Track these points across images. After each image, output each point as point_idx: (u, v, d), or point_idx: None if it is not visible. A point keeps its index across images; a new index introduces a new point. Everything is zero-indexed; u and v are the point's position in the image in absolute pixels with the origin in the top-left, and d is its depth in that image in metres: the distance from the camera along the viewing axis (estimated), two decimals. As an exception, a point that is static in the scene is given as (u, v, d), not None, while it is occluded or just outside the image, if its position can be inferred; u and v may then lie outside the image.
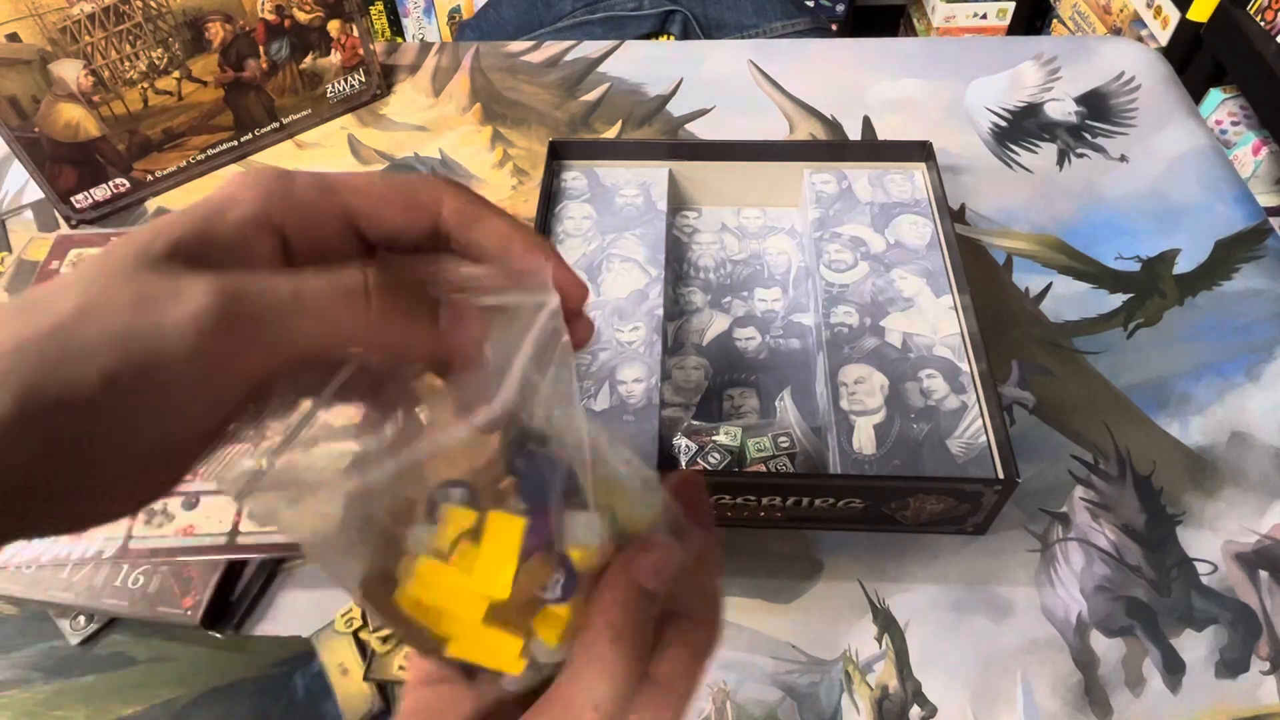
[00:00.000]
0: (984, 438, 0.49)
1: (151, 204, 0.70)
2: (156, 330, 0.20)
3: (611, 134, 0.76)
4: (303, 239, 0.24)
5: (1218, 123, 1.35)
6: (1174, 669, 0.46)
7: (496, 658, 0.23)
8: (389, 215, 0.25)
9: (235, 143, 0.73)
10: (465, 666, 0.23)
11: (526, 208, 0.69)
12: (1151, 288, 0.63)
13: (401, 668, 0.46)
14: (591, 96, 0.79)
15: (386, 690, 0.46)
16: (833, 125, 0.76)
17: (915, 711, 0.45)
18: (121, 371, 0.20)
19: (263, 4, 0.68)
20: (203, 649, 0.48)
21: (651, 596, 0.24)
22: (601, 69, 0.82)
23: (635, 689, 0.23)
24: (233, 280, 0.21)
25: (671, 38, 1.14)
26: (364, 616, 0.48)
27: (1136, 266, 0.65)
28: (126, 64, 0.64)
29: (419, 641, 0.23)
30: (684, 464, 0.51)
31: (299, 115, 0.75)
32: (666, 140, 0.73)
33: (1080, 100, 0.77)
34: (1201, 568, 0.50)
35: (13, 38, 0.58)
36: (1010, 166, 0.72)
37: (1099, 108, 0.77)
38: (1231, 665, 0.46)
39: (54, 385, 0.19)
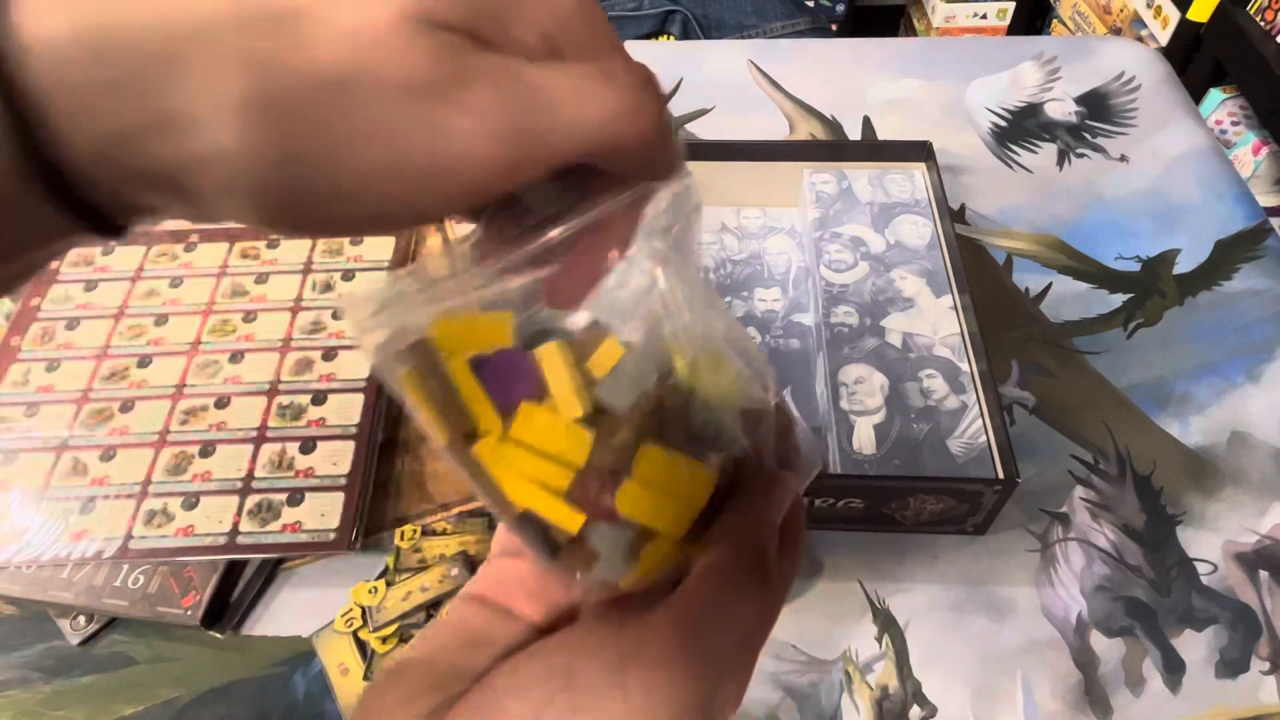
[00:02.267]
0: (984, 438, 0.49)
1: (151, 204, 0.70)
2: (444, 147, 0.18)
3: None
4: None
5: (1218, 123, 1.35)
6: (1174, 669, 0.46)
7: (556, 514, 0.23)
8: None
9: (235, 143, 0.73)
10: (548, 545, 0.24)
11: (526, 208, 0.69)
12: (1151, 288, 0.63)
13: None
14: (591, 96, 0.79)
15: (386, 690, 0.46)
16: (833, 125, 0.76)
17: (915, 711, 0.45)
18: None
19: (263, 4, 0.68)
20: (203, 649, 0.48)
21: (774, 530, 0.26)
22: (601, 69, 0.82)
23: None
24: (515, 108, 0.19)
25: (671, 38, 1.14)
26: (363, 616, 0.48)
27: (1136, 266, 0.65)
28: (126, 64, 0.64)
29: (494, 497, 0.24)
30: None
31: (299, 115, 0.75)
32: (666, 140, 0.73)
33: (1080, 100, 0.77)
34: (1201, 568, 0.50)
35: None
36: (1010, 166, 0.72)
37: (1099, 108, 0.77)
38: (1231, 665, 0.46)
39: (282, 73, 0.17)
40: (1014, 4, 1.87)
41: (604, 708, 0.22)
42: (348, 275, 0.61)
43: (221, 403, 0.54)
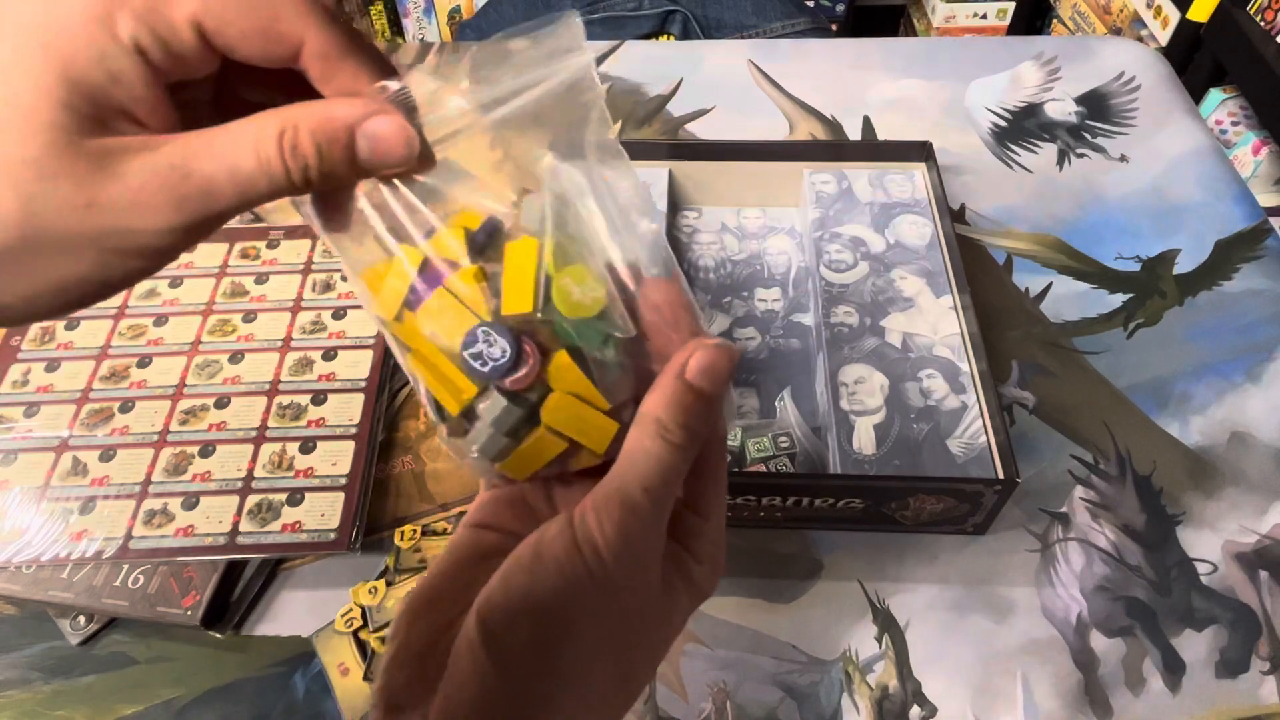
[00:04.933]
0: (984, 438, 0.49)
1: (151, 204, 0.70)
2: (118, 250, 0.22)
3: (611, 134, 0.76)
4: (159, 53, 0.23)
5: (1218, 123, 1.35)
6: (1174, 669, 0.46)
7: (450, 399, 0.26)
8: (241, 41, 0.23)
9: (235, 143, 0.72)
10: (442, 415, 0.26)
11: (526, 208, 0.69)
12: (1151, 288, 0.63)
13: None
14: (591, 96, 0.79)
15: (386, 690, 0.46)
16: (833, 125, 0.76)
17: (915, 711, 0.45)
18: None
19: (263, 4, 0.68)
20: (203, 649, 0.48)
21: (701, 395, 0.25)
22: (601, 69, 0.82)
23: (681, 477, 0.25)
24: (181, 185, 0.22)
25: (671, 38, 1.14)
26: (363, 616, 0.48)
27: (1136, 266, 0.65)
28: (126, 64, 0.64)
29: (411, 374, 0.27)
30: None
31: (299, 115, 0.75)
32: (666, 140, 0.73)
33: (1080, 100, 0.77)
34: (1201, 568, 0.50)
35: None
36: (1010, 166, 0.72)
37: (1099, 108, 0.77)
38: (1231, 665, 0.46)
39: None
40: (1014, 4, 1.87)
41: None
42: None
43: (221, 403, 0.54)
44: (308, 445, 0.52)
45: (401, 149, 0.24)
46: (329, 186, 0.24)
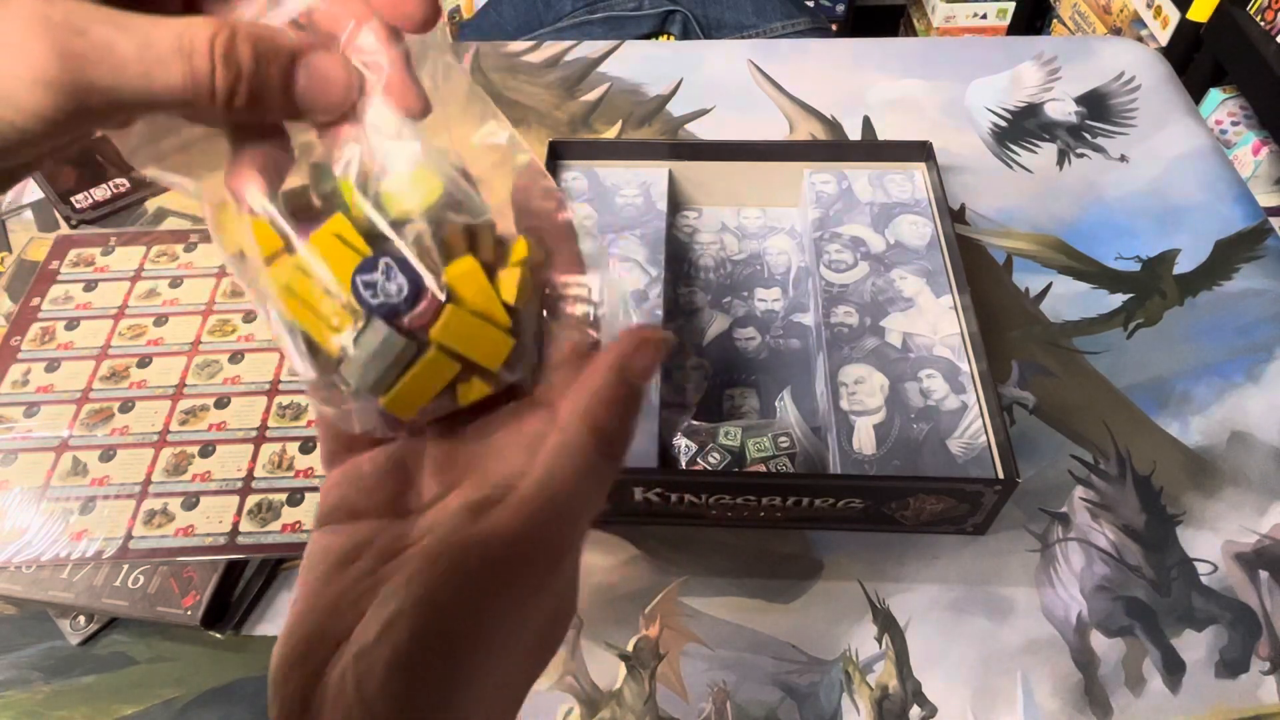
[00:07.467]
0: (984, 438, 0.49)
1: (151, 204, 0.70)
2: None
3: (611, 134, 0.76)
4: None
5: (1218, 123, 1.35)
6: (1174, 669, 0.46)
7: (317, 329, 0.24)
8: None
9: (235, 143, 0.72)
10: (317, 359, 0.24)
11: (526, 208, 0.69)
12: (1151, 288, 0.63)
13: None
14: (591, 96, 0.79)
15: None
16: (833, 125, 0.76)
17: (915, 711, 0.45)
18: None
19: (263, 4, 0.68)
20: (203, 649, 0.48)
21: (635, 394, 0.24)
22: (601, 69, 0.82)
23: (613, 471, 0.24)
24: (71, 39, 0.18)
25: (671, 38, 1.14)
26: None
27: (1136, 266, 0.65)
28: (126, 64, 0.64)
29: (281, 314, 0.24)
30: (684, 464, 0.51)
31: (299, 115, 0.75)
32: (666, 140, 0.73)
33: (1080, 100, 0.77)
34: (1201, 568, 0.50)
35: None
36: (1010, 166, 0.72)
37: (1099, 108, 0.77)
38: (1231, 665, 0.46)
39: None
40: (1014, 4, 1.87)
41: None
42: (348, 275, 0.61)
43: (221, 403, 0.54)
44: (308, 445, 0.52)
45: (339, 93, 0.22)
46: (250, 115, 0.22)
